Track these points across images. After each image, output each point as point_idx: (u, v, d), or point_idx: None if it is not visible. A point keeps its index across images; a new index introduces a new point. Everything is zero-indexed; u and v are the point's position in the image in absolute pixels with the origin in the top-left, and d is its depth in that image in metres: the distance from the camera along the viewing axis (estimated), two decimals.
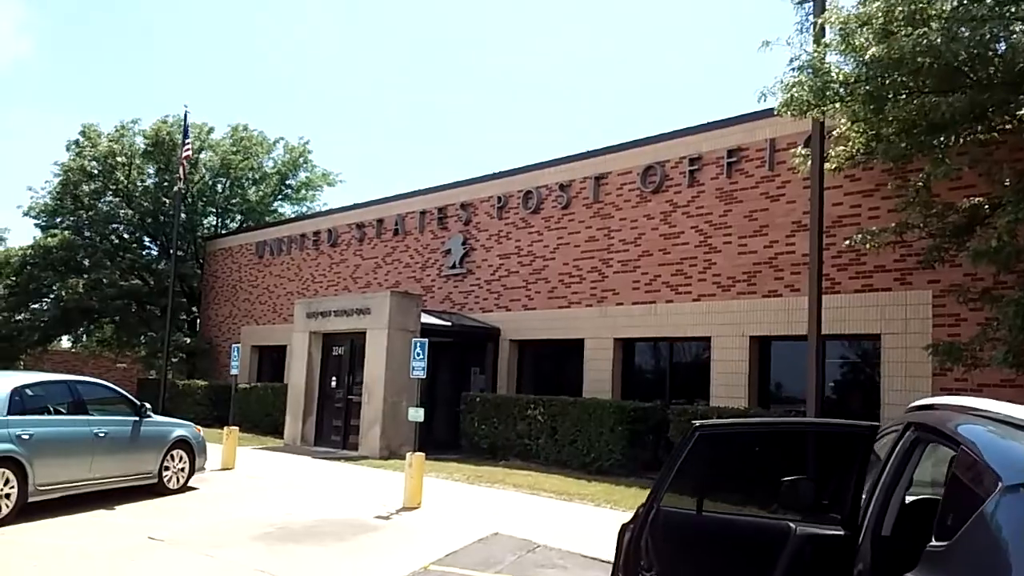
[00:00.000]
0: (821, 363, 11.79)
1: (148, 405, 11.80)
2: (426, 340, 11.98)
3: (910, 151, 9.53)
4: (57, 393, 10.73)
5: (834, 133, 11.85)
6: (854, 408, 13.43)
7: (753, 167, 14.90)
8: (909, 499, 3.71)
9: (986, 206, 9.72)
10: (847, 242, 11.62)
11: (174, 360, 26.79)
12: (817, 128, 11.41)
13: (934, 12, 8.21)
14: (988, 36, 7.48)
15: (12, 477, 9.37)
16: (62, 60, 75.75)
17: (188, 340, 29.46)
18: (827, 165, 11.68)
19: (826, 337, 11.94)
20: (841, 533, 3.70)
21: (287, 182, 34.22)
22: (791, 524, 3.77)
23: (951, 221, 10.03)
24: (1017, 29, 7.63)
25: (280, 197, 34.54)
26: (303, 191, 34.88)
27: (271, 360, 27.24)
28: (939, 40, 7.40)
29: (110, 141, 30.52)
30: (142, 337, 30.69)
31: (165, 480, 11.70)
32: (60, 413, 10.43)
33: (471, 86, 78.92)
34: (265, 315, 27.92)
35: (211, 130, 32.20)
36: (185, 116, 24.78)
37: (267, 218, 33.31)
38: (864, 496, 3.74)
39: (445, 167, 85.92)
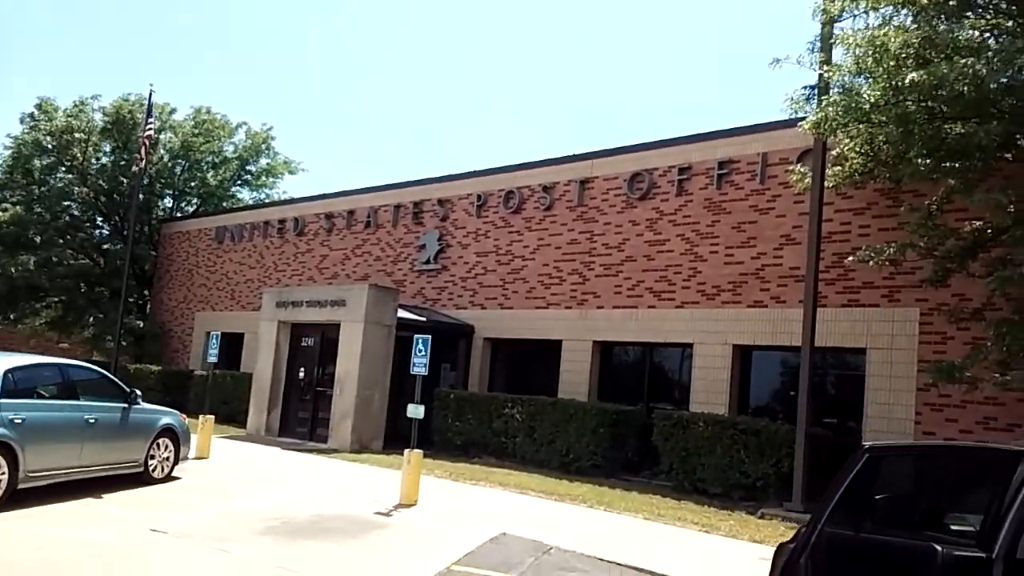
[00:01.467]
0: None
1: (138, 392, 11.46)
2: (428, 336, 11.88)
3: (938, 174, 9.85)
4: (47, 376, 10.37)
5: (833, 153, 12.15)
6: (836, 419, 13.81)
7: (743, 180, 15.16)
8: None
9: (988, 230, 10.08)
10: (851, 259, 11.94)
11: (123, 343, 26.02)
12: (820, 146, 11.70)
13: (960, 44, 8.51)
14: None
15: (3, 462, 8.98)
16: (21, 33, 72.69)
17: (140, 324, 28.69)
18: (825, 183, 11.98)
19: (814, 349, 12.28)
20: (981, 555, 3.78)
21: (247, 167, 33.54)
22: (936, 546, 3.83)
23: (956, 244, 10.36)
24: None
25: (239, 183, 33.85)
26: (263, 178, 34.21)
27: (226, 347, 26.60)
28: (984, 71, 7.68)
29: (68, 116, 29.53)
30: (89, 318, 29.77)
31: (151, 469, 11.38)
32: (48, 397, 10.08)
33: (456, 88, 78.27)
34: (222, 301, 27.33)
35: (173, 111, 31.42)
36: (150, 96, 24.17)
37: (224, 203, 32.61)
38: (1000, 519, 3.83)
39: (421, 166, 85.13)
